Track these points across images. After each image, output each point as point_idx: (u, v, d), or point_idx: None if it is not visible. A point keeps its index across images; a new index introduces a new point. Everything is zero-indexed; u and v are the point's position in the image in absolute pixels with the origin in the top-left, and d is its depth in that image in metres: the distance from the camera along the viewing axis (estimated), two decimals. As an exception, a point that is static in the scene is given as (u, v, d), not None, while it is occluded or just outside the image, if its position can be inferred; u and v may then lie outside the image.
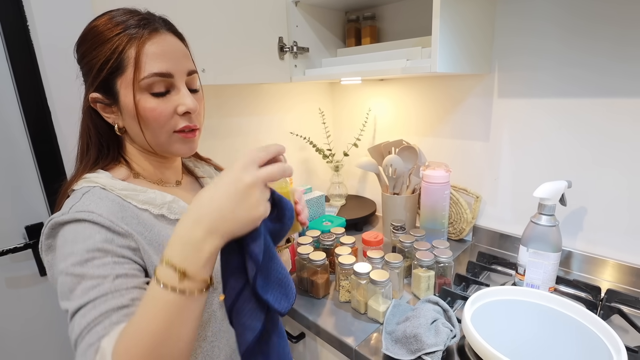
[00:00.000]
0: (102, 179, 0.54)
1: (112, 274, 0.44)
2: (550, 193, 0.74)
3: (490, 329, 0.60)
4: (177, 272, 0.38)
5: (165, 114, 0.54)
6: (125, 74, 0.51)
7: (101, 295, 0.42)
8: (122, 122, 0.55)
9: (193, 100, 0.55)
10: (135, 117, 0.53)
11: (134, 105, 0.52)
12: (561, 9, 0.83)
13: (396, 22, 1.15)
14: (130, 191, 0.53)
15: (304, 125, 1.36)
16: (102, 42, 0.51)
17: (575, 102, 0.86)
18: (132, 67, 0.51)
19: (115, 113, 0.55)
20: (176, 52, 0.54)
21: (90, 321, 0.41)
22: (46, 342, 0.98)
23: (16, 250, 0.88)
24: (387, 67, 0.87)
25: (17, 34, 0.82)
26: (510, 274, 0.90)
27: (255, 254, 0.42)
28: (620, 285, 0.85)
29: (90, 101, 0.54)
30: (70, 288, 0.44)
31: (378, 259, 0.79)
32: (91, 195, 0.51)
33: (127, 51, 0.50)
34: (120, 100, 0.53)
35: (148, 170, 0.60)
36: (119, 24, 0.51)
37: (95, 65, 0.51)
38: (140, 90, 0.52)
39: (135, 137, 0.56)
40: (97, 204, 0.49)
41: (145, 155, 0.59)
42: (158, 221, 0.55)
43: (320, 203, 1.12)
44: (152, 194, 0.55)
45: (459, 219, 1.07)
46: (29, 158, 0.89)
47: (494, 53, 0.95)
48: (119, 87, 0.52)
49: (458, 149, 1.10)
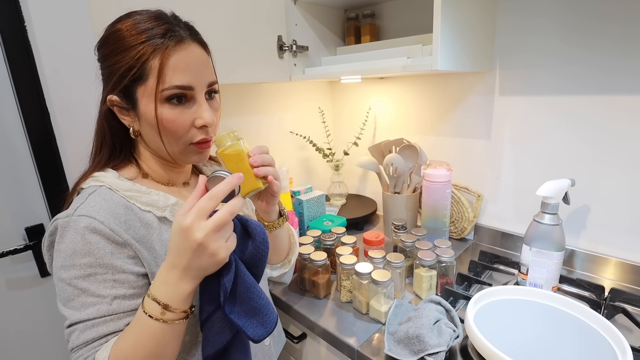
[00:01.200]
0: (109, 178, 0.54)
1: (110, 295, 0.48)
2: (554, 191, 0.74)
3: (493, 329, 0.60)
4: (160, 306, 0.46)
5: (184, 126, 0.54)
6: (147, 83, 0.51)
7: (99, 317, 0.48)
8: (137, 126, 0.55)
9: (211, 115, 0.55)
10: (155, 126, 0.53)
11: (154, 116, 0.52)
12: (561, 6, 0.82)
13: (396, 20, 1.14)
14: (134, 192, 0.54)
15: (304, 124, 1.35)
16: (126, 48, 0.51)
17: (576, 100, 0.85)
18: (155, 78, 0.50)
19: (131, 117, 0.55)
20: (199, 64, 0.54)
21: (88, 340, 0.47)
22: (47, 343, 0.97)
23: (16, 251, 0.88)
24: (388, 65, 0.87)
25: (15, 35, 0.81)
26: (512, 273, 0.90)
27: (224, 285, 0.48)
28: (623, 284, 0.85)
29: (108, 103, 0.54)
30: (69, 297, 0.48)
31: (379, 258, 0.79)
32: (96, 196, 0.51)
33: (151, 61, 0.50)
34: (140, 107, 0.53)
35: (157, 172, 0.60)
36: (144, 32, 0.50)
37: (118, 70, 0.51)
38: (161, 101, 0.52)
39: (150, 143, 0.57)
40: (101, 206, 0.50)
41: (156, 159, 0.59)
42: (161, 223, 0.55)
43: (321, 202, 1.12)
44: (155, 196, 0.56)
45: (460, 217, 1.07)
46: (28, 160, 0.88)
47: (495, 50, 0.95)
48: (139, 95, 0.52)
49: (459, 148, 1.09)
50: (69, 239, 0.48)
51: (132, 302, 0.50)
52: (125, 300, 0.49)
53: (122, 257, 0.50)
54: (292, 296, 0.86)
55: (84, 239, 0.47)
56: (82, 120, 0.87)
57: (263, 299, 0.50)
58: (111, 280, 0.49)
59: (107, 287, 0.48)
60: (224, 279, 0.47)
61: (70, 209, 0.50)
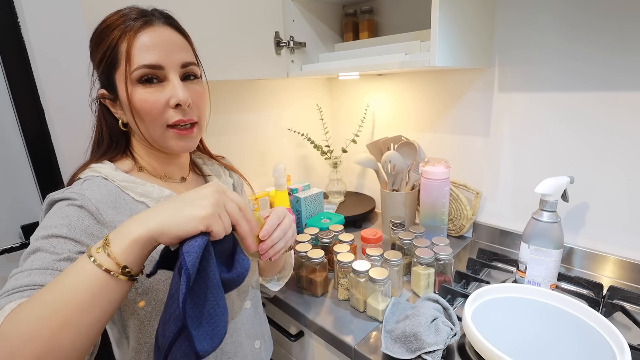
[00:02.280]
0: (105, 169, 0.55)
1: (64, 255, 0.44)
2: (552, 189, 0.73)
3: (491, 327, 0.60)
4: (102, 241, 0.39)
5: (158, 106, 0.53)
6: (119, 67, 0.52)
7: (41, 268, 0.42)
8: (125, 117, 0.56)
9: (185, 92, 0.53)
10: (129, 110, 0.53)
11: (127, 98, 0.52)
12: (562, 2, 0.81)
13: (394, 16, 1.13)
14: (129, 183, 0.55)
15: (302, 121, 1.34)
16: (102, 38, 0.52)
17: (576, 97, 0.84)
18: (124, 60, 0.51)
19: (120, 108, 0.56)
20: (169, 44, 0.53)
21: (16, 287, 0.40)
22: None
23: (12, 249, 0.88)
24: (386, 61, 0.86)
25: (8, 32, 0.80)
26: (510, 270, 0.89)
27: (185, 261, 0.38)
28: (622, 281, 0.84)
29: (100, 97, 0.56)
30: (25, 256, 0.45)
31: (377, 256, 0.78)
32: (91, 182, 0.52)
33: (120, 45, 0.51)
34: (119, 94, 0.53)
35: (152, 165, 0.60)
36: (116, 22, 0.52)
37: (96, 61, 0.54)
38: (132, 82, 0.52)
39: (135, 132, 0.57)
40: (93, 190, 0.51)
41: (149, 151, 0.60)
42: None
43: (319, 200, 1.11)
44: (150, 187, 0.56)
45: (458, 215, 1.06)
46: (23, 157, 0.87)
47: (495, 46, 0.94)
48: (117, 82, 0.53)
49: (458, 145, 1.08)
50: (55, 209, 0.49)
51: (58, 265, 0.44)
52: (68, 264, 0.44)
53: (97, 236, 0.48)
54: (290, 294, 0.85)
55: (68, 208, 0.48)
56: (76, 118, 0.87)
57: (222, 307, 0.42)
58: (73, 248, 0.45)
59: (64, 249, 0.44)
60: (188, 256, 0.38)
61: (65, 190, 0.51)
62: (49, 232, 0.46)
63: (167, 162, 0.61)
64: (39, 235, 0.46)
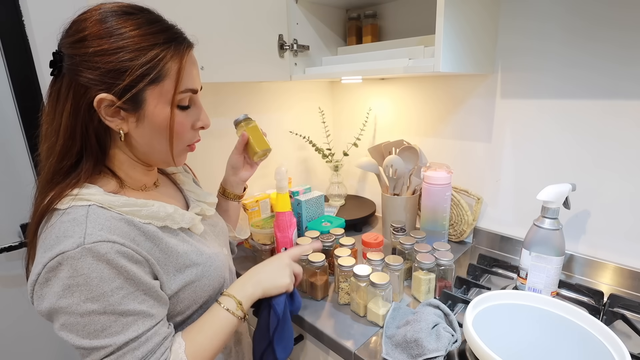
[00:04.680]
0: (97, 195, 0.49)
1: (147, 308, 0.49)
2: (554, 196, 0.73)
3: (491, 334, 0.59)
4: (236, 302, 0.59)
5: (188, 129, 0.56)
6: (161, 85, 0.50)
7: (147, 330, 0.48)
8: (127, 128, 0.51)
9: (209, 118, 0.59)
10: (164, 129, 0.53)
11: (166, 119, 0.52)
12: (565, 10, 0.82)
13: (398, 21, 1.13)
14: (131, 207, 0.51)
15: (304, 124, 1.34)
16: (141, 48, 0.48)
17: (578, 104, 0.85)
18: (173, 81, 0.51)
19: (123, 119, 0.51)
20: (198, 68, 0.56)
21: (149, 350, 0.48)
22: (41, 342, 0.97)
23: (11, 248, 0.87)
24: (389, 66, 0.86)
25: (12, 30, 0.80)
26: (511, 277, 0.89)
27: (277, 310, 0.64)
28: (622, 289, 0.84)
29: (97, 102, 0.48)
30: (103, 327, 0.45)
31: (378, 261, 0.78)
32: (96, 217, 0.46)
33: (169, 64, 0.51)
34: (146, 109, 0.51)
35: (133, 178, 0.57)
36: (155, 33, 0.50)
37: (130, 70, 0.48)
38: (174, 104, 0.53)
39: (141, 146, 0.54)
40: (109, 227, 0.46)
41: (133, 164, 0.57)
42: (163, 233, 0.54)
43: (320, 203, 1.11)
44: (153, 207, 0.53)
45: (459, 220, 1.06)
46: (24, 156, 0.87)
47: (498, 53, 0.94)
48: (149, 97, 0.50)
49: (459, 150, 1.09)
50: (89, 269, 0.44)
51: (164, 308, 0.52)
52: (159, 308, 0.51)
53: (145, 273, 0.49)
54: (290, 297, 0.85)
55: (110, 264, 0.45)
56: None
57: (292, 331, 0.69)
58: (142, 295, 0.48)
59: (141, 302, 0.48)
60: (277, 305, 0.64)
61: (75, 238, 0.44)
62: (116, 297, 0.45)
63: (146, 173, 0.60)
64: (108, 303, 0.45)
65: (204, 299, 0.59)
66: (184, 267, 0.55)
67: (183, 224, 0.57)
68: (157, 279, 0.52)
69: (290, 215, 0.93)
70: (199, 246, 0.59)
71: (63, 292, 0.43)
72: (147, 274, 0.50)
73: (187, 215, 0.59)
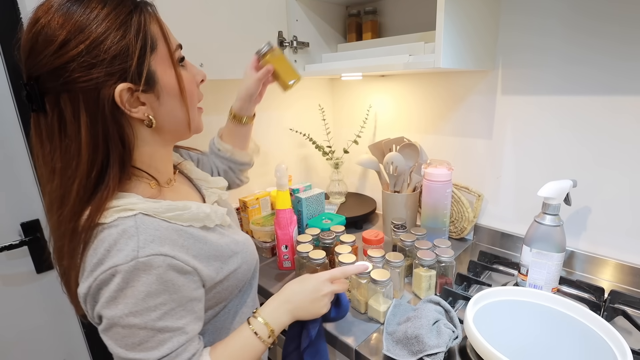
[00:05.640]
0: (139, 203, 0.48)
1: (184, 324, 0.48)
2: (555, 192, 0.73)
3: (492, 330, 0.59)
4: (268, 330, 0.56)
5: (194, 84, 0.55)
6: (158, 50, 0.48)
7: (179, 346, 0.48)
8: (152, 111, 0.49)
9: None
10: (178, 94, 0.51)
11: (176, 81, 0.51)
12: (566, 6, 0.81)
13: (398, 17, 1.13)
14: (174, 212, 0.50)
15: (304, 121, 1.34)
16: (120, 24, 0.44)
17: (579, 101, 0.84)
18: (163, 42, 0.49)
19: (145, 104, 0.48)
20: None
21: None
22: (42, 340, 0.97)
23: (12, 247, 0.87)
24: (389, 62, 0.86)
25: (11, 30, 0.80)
26: (512, 273, 0.89)
27: (311, 333, 0.62)
28: (623, 285, 0.84)
29: (118, 95, 0.45)
30: (142, 341, 0.45)
31: (379, 258, 0.78)
32: (145, 228, 0.46)
33: (151, 27, 0.48)
34: (159, 80, 0.49)
35: (162, 172, 0.55)
36: (119, 2, 0.46)
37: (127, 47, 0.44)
38: (176, 64, 0.51)
39: (167, 124, 0.52)
40: (160, 238, 0.46)
41: (160, 151, 0.54)
42: (203, 232, 0.55)
43: (320, 200, 1.11)
44: (192, 209, 0.53)
45: (460, 217, 1.06)
46: (24, 154, 0.87)
47: (498, 49, 0.94)
48: (156, 67, 0.48)
49: (460, 147, 1.08)
50: (140, 283, 0.44)
51: (199, 325, 0.52)
52: (194, 325, 0.50)
53: (191, 285, 0.49)
54: (290, 295, 0.85)
55: (160, 278, 0.45)
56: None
57: (326, 350, 0.66)
58: (182, 310, 0.48)
59: (179, 318, 0.48)
60: (311, 329, 0.62)
61: (127, 250, 0.43)
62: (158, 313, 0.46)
63: (169, 158, 0.58)
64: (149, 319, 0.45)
65: (243, 283, 0.61)
66: (227, 258, 0.56)
67: (217, 221, 0.58)
68: (204, 286, 0.53)
69: (290, 213, 0.93)
70: (233, 235, 0.61)
71: (110, 302, 0.44)
72: (194, 283, 0.50)
73: (220, 212, 0.59)
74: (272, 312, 0.57)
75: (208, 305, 0.56)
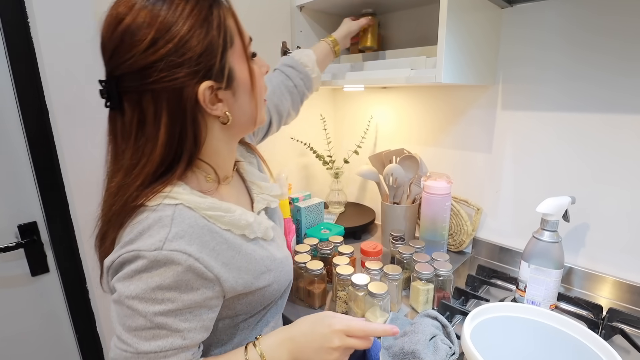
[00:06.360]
0: (184, 194, 0.48)
1: (185, 329, 0.46)
2: (554, 209, 0.73)
3: (489, 347, 0.59)
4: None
5: (262, 77, 0.54)
6: (234, 46, 0.48)
7: (171, 349, 0.46)
8: (228, 108, 0.50)
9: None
10: (250, 88, 0.51)
11: (249, 75, 0.50)
12: (567, 22, 0.83)
13: (400, 31, 1.14)
14: (215, 211, 0.49)
15: (305, 130, 1.35)
16: (202, 18, 0.44)
17: (579, 116, 0.85)
18: (238, 37, 0.49)
19: (222, 100, 0.49)
20: None
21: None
22: (36, 343, 0.96)
23: (7, 249, 0.87)
24: (391, 75, 0.86)
25: (17, 31, 0.80)
26: (510, 288, 0.89)
27: None
28: (621, 303, 0.84)
29: (202, 94, 0.45)
30: (138, 327, 0.44)
31: (376, 270, 0.78)
32: (181, 222, 0.46)
33: (227, 21, 0.47)
34: (236, 76, 0.49)
35: (221, 166, 0.55)
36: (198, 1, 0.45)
37: (211, 45, 0.44)
38: (249, 58, 0.51)
39: (238, 119, 0.52)
40: (191, 236, 0.46)
41: (225, 147, 0.54)
42: (241, 240, 0.53)
43: (319, 210, 1.11)
44: (235, 214, 0.52)
45: (459, 230, 1.06)
46: (24, 156, 0.87)
47: (499, 64, 0.95)
48: (234, 64, 0.48)
49: (460, 160, 1.09)
50: (157, 273, 0.44)
51: (202, 335, 0.49)
52: (196, 334, 0.48)
53: (206, 292, 0.47)
54: (287, 305, 0.84)
55: (177, 276, 0.44)
56: (81, 120, 0.86)
57: None
58: (188, 314, 0.47)
59: (182, 321, 0.46)
60: None
61: (155, 239, 0.44)
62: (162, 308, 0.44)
63: (232, 154, 0.58)
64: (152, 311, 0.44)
65: (269, 301, 0.59)
66: (259, 273, 0.54)
67: (259, 234, 0.56)
68: (224, 296, 0.51)
69: (289, 222, 0.93)
70: (273, 251, 0.58)
71: (125, 279, 0.44)
72: (211, 291, 0.48)
73: (264, 224, 0.57)
74: (273, 347, 0.51)
75: (225, 315, 0.54)
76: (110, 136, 0.49)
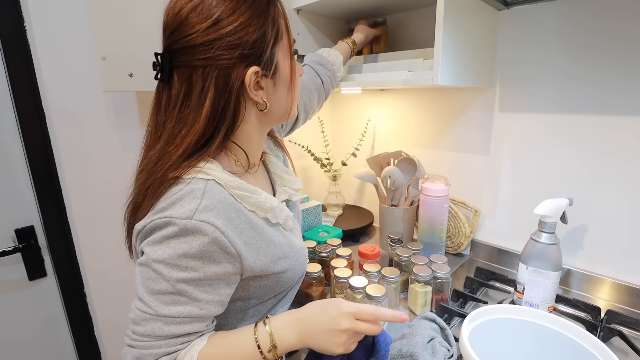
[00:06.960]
0: (217, 172, 0.51)
1: (203, 299, 0.48)
2: (552, 210, 0.73)
3: (488, 349, 0.59)
4: (270, 344, 0.50)
5: (299, 77, 0.60)
6: (282, 41, 0.53)
7: (188, 317, 0.48)
8: (267, 96, 0.54)
9: None
10: (289, 83, 0.56)
11: (290, 71, 0.55)
12: (564, 23, 0.83)
13: (398, 33, 1.14)
14: (243, 191, 0.52)
15: (303, 133, 1.34)
16: (259, 14, 0.49)
17: (576, 118, 0.85)
18: (287, 34, 0.54)
19: (263, 88, 0.53)
20: None
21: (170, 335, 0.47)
22: (34, 348, 0.95)
23: (5, 253, 0.86)
24: (388, 78, 0.87)
25: (14, 35, 0.80)
26: (508, 290, 0.89)
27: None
28: (619, 305, 0.84)
29: (248, 78, 0.49)
30: (160, 290, 0.47)
31: (374, 272, 0.78)
32: (211, 196, 0.48)
33: (279, 20, 0.53)
34: (280, 69, 0.54)
35: (250, 153, 0.58)
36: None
37: (264, 35, 0.50)
38: (293, 55, 0.56)
39: (274, 109, 0.56)
40: (219, 210, 0.48)
41: (256, 134, 0.58)
42: (263, 223, 0.55)
43: (317, 213, 1.11)
44: (262, 197, 0.55)
45: (457, 232, 1.06)
46: (21, 160, 0.87)
47: (496, 66, 0.95)
48: (279, 57, 0.53)
49: (457, 162, 1.09)
50: (184, 241, 0.46)
51: (217, 309, 0.51)
52: (213, 306, 0.50)
53: (228, 267, 0.49)
54: (285, 308, 0.84)
55: (203, 246, 0.46)
56: (77, 123, 0.86)
57: None
58: (207, 285, 0.49)
59: (202, 291, 0.48)
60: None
61: (186, 209, 0.46)
62: (185, 276, 0.46)
63: (261, 143, 0.61)
64: (175, 278, 0.46)
65: (281, 289, 0.60)
66: (277, 258, 0.56)
67: (280, 220, 0.58)
68: (242, 275, 0.52)
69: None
70: (292, 239, 0.61)
71: (154, 244, 0.47)
72: (232, 266, 0.50)
73: (285, 212, 0.60)
74: (282, 327, 0.52)
75: (238, 296, 0.56)
76: (154, 107, 0.53)
